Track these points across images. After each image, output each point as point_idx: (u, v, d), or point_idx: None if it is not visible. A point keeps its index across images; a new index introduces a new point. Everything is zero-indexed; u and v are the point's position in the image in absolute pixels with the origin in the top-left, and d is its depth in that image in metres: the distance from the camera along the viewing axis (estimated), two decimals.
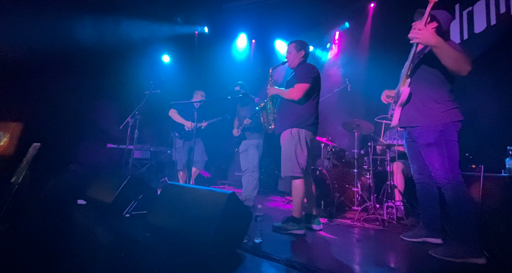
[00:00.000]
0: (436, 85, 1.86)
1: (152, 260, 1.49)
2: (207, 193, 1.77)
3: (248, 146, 3.61)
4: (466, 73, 1.66)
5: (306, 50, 2.47)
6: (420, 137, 1.90)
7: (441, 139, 1.79)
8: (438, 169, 1.81)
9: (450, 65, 1.68)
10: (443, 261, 1.67)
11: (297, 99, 2.26)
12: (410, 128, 1.99)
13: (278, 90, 2.44)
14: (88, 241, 1.87)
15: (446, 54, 1.67)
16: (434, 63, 1.81)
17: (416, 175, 2.13)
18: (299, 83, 2.27)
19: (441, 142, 1.79)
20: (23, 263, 1.38)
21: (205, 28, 6.24)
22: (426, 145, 1.86)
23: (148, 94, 3.55)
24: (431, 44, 1.69)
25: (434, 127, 1.82)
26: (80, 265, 1.41)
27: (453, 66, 1.67)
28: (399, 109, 2.00)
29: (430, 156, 1.85)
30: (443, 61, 1.69)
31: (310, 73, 2.31)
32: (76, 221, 2.41)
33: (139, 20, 4.94)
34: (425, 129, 1.86)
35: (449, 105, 1.82)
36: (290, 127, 2.29)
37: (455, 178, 1.76)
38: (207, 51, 6.10)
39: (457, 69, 1.68)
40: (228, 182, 5.71)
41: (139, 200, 2.49)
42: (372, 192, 2.99)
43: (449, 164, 1.77)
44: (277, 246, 1.86)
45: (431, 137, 1.82)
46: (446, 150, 1.78)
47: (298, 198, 2.25)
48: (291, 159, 2.24)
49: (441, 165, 1.79)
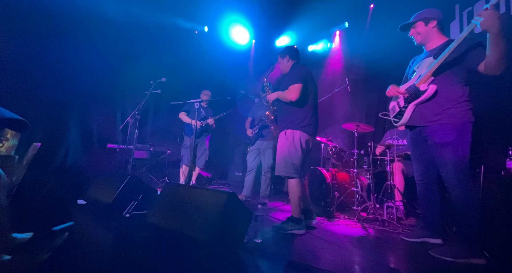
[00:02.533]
0: (457, 84, 1.83)
1: (152, 260, 1.49)
2: (207, 193, 1.77)
3: (265, 148, 3.73)
4: (500, 72, 1.62)
5: (289, 53, 2.56)
6: (435, 136, 1.84)
7: (458, 138, 1.76)
8: (450, 169, 1.77)
9: (496, 59, 1.59)
10: (443, 261, 1.67)
11: (295, 99, 2.30)
12: (421, 127, 1.94)
13: (277, 94, 2.49)
14: (88, 241, 1.87)
15: (499, 45, 1.56)
16: (462, 62, 1.78)
17: (419, 175, 2.09)
18: (292, 85, 2.33)
19: (457, 142, 1.76)
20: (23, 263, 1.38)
21: (205, 28, 6.24)
22: (441, 144, 1.81)
23: (148, 94, 3.56)
24: (495, 30, 1.53)
25: (452, 126, 1.78)
26: (80, 265, 1.41)
27: (497, 60, 1.59)
28: (413, 107, 1.94)
29: (444, 155, 1.80)
30: (492, 52, 1.59)
31: (299, 73, 2.38)
32: (76, 221, 2.41)
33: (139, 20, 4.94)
34: (441, 127, 1.82)
35: (466, 105, 1.80)
36: (285, 128, 2.36)
37: (466, 180, 1.73)
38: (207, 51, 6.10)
39: (498, 64, 1.60)
40: (228, 182, 5.70)
41: (139, 200, 2.49)
42: (372, 192, 2.99)
43: (461, 165, 1.74)
44: (277, 246, 1.86)
45: (449, 136, 1.78)
46: (461, 150, 1.75)
47: (295, 198, 2.27)
48: (284, 160, 2.29)
49: (454, 165, 1.75)
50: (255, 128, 3.81)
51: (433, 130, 1.86)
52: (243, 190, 3.78)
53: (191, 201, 1.78)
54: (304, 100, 2.36)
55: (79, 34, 4.18)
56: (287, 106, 2.40)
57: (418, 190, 2.12)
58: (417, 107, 1.94)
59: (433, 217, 2.04)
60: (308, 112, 2.36)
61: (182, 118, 4.21)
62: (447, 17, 3.71)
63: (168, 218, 1.83)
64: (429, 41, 2.01)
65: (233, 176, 5.73)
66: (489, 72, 1.68)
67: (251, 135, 3.84)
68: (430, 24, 1.97)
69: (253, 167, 3.81)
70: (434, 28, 1.97)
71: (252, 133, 3.82)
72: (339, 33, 5.62)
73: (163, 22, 5.42)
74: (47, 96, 3.84)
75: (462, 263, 1.64)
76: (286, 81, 2.45)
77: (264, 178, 3.71)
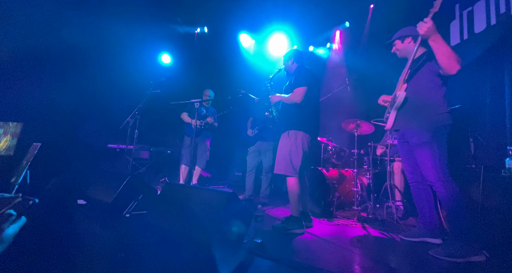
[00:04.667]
0: (431, 89, 1.95)
1: (152, 260, 1.49)
2: (207, 193, 1.77)
3: (265, 149, 3.82)
4: (455, 72, 1.77)
5: (294, 56, 2.61)
6: (413, 138, 1.99)
7: (433, 139, 1.89)
8: (429, 168, 1.89)
9: (443, 62, 1.77)
10: (443, 261, 1.67)
11: (299, 102, 2.35)
12: (404, 130, 2.09)
13: (280, 97, 2.54)
14: (88, 241, 1.87)
15: (441, 50, 1.76)
16: (430, 68, 1.94)
17: (409, 174, 2.19)
18: (297, 87, 2.37)
19: (433, 142, 1.88)
20: (23, 263, 1.38)
21: (205, 28, 6.23)
22: (418, 145, 1.95)
23: (148, 94, 3.56)
24: (432, 37, 1.76)
25: (426, 130, 1.91)
26: (80, 265, 1.41)
27: (446, 63, 1.77)
28: (395, 113, 2.08)
29: (422, 155, 1.93)
30: (437, 56, 1.79)
31: (304, 76, 2.42)
32: (76, 221, 2.41)
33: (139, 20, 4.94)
34: (418, 130, 1.96)
35: (441, 109, 1.92)
36: (288, 129, 2.38)
37: (445, 176, 1.83)
38: (207, 51, 6.09)
39: (448, 66, 1.77)
40: (228, 182, 5.70)
41: (139, 200, 2.49)
42: (372, 192, 2.99)
43: (439, 163, 1.85)
44: (277, 246, 1.87)
45: (424, 137, 1.92)
46: (437, 149, 1.87)
47: (293, 197, 2.29)
48: (284, 159, 2.31)
49: (432, 164, 1.87)
50: (255, 129, 3.85)
51: (411, 133, 2.01)
52: (245, 189, 3.86)
53: (191, 201, 1.78)
54: (308, 102, 2.40)
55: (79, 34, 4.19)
56: (290, 107, 2.44)
57: (411, 190, 2.20)
58: (398, 112, 2.08)
59: (429, 216, 2.08)
60: (311, 113, 2.40)
61: (183, 118, 4.25)
62: (447, 17, 3.71)
63: (168, 218, 1.83)
64: (409, 55, 2.12)
65: (233, 176, 5.73)
66: (445, 73, 1.84)
67: (251, 135, 3.88)
68: (405, 41, 2.17)
69: (253, 168, 3.87)
70: (410, 43, 2.15)
71: (253, 133, 3.86)
72: (339, 33, 5.62)
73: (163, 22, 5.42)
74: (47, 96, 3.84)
75: (462, 263, 1.64)
76: (290, 83, 2.49)
77: (265, 178, 3.80)
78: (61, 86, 3.97)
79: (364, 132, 3.57)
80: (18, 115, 3.76)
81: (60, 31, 4.00)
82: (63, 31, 4.03)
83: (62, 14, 3.99)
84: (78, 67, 4.21)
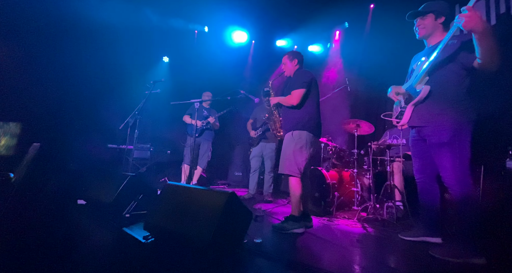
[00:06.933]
0: (455, 83, 1.78)
1: (152, 260, 1.49)
2: (207, 193, 1.77)
3: (268, 150, 3.91)
4: (496, 68, 1.56)
5: (298, 58, 2.59)
6: (433, 136, 1.84)
7: (455, 138, 1.74)
8: (448, 169, 1.76)
9: (486, 57, 1.56)
10: (443, 261, 1.67)
11: (296, 104, 2.36)
12: (420, 127, 1.94)
13: (278, 99, 2.55)
14: (88, 241, 1.86)
15: (488, 44, 1.52)
16: (461, 60, 1.74)
17: (418, 174, 2.11)
18: (295, 89, 2.38)
19: (455, 142, 1.74)
20: (23, 263, 1.38)
21: (205, 28, 6.23)
22: (439, 145, 1.80)
23: (148, 94, 3.56)
24: (479, 29, 1.49)
25: (449, 127, 1.76)
26: (80, 265, 1.41)
27: (489, 58, 1.56)
28: (411, 108, 1.93)
29: (441, 155, 1.80)
30: (481, 50, 1.55)
31: (304, 78, 2.41)
32: (76, 221, 2.41)
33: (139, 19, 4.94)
34: (438, 127, 1.80)
35: (466, 104, 1.77)
36: (292, 130, 2.39)
37: (465, 179, 1.72)
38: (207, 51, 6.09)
39: (490, 62, 1.56)
40: (228, 182, 5.70)
41: (139, 200, 2.49)
42: (372, 192, 2.99)
43: (460, 165, 1.72)
44: (277, 246, 1.86)
45: (446, 137, 1.76)
46: (458, 150, 1.73)
47: (295, 197, 2.29)
48: (289, 158, 2.32)
49: (452, 165, 1.74)
50: (258, 130, 3.93)
51: (431, 131, 1.86)
52: (248, 188, 4.00)
53: (191, 201, 1.78)
54: (309, 102, 2.41)
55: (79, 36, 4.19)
56: (290, 108, 2.45)
57: (418, 187, 2.13)
58: (415, 108, 1.93)
59: (432, 216, 2.04)
60: (313, 114, 2.41)
61: (186, 120, 4.32)
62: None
63: (168, 218, 1.82)
64: (432, 37, 1.96)
65: (233, 176, 5.72)
66: (484, 69, 1.64)
67: (255, 136, 3.96)
68: (439, 19, 1.90)
69: (257, 167, 4.01)
70: (441, 24, 1.91)
71: (256, 135, 3.94)
72: (339, 33, 5.62)
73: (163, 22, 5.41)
74: (48, 96, 3.84)
75: (462, 263, 1.64)
76: (290, 85, 2.50)
77: (268, 177, 3.91)
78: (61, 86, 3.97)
79: (364, 132, 3.57)
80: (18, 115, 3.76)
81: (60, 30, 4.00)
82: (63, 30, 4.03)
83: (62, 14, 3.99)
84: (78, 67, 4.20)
